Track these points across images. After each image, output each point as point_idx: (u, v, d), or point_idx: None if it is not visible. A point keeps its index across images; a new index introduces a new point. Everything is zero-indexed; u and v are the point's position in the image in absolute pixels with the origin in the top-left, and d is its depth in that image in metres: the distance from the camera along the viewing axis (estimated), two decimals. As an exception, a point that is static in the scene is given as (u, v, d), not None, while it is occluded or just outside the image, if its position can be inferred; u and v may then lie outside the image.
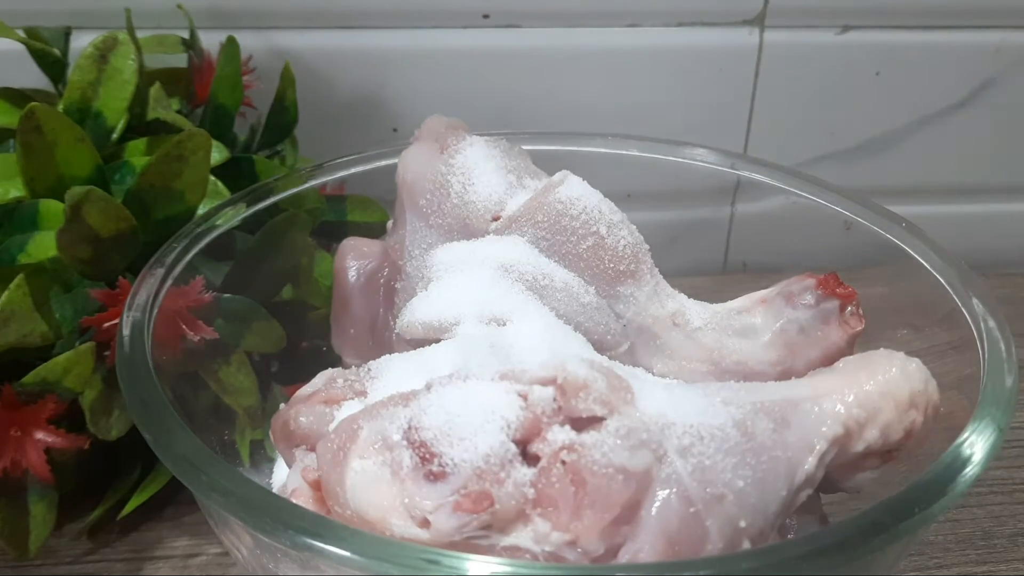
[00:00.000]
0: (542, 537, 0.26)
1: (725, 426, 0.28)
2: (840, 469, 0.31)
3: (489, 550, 0.26)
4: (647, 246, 0.37)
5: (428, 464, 0.26)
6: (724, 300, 0.39)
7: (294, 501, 0.29)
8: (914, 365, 0.31)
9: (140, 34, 0.46)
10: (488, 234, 0.37)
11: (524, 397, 0.27)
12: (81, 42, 0.45)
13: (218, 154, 0.43)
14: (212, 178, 0.41)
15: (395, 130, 0.60)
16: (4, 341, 0.36)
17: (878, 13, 0.61)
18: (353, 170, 0.45)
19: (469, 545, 0.26)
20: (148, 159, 0.39)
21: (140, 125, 0.45)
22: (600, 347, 0.36)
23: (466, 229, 0.38)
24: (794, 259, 0.43)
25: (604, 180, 0.39)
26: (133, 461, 0.42)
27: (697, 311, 0.38)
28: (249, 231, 0.41)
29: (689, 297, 0.38)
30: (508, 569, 0.23)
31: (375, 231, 0.47)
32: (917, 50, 0.62)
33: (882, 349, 0.33)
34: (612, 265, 0.36)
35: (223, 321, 0.39)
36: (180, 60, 0.51)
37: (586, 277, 0.36)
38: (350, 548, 0.23)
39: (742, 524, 0.27)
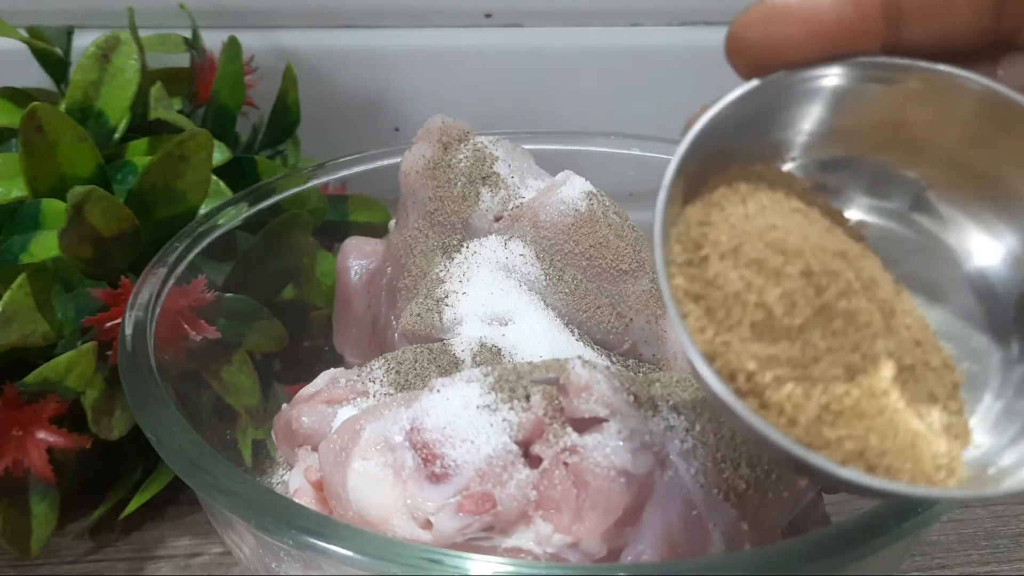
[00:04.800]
0: (544, 539, 0.25)
1: (727, 428, 0.28)
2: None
3: (491, 551, 0.26)
4: (649, 245, 0.37)
5: (430, 465, 0.26)
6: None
7: (296, 501, 0.29)
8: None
9: (142, 33, 0.46)
10: (491, 234, 0.37)
11: (526, 398, 0.27)
12: (83, 41, 0.45)
13: (220, 154, 0.43)
14: (214, 178, 0.41)
15: (397, 129, 0.60)
16: (6, 341, 0.36)
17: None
18: (355, 170, 0.45)
19: (471, 546, 0.26)
20: (150, 159, 0.39)
21: (142, 125, 0.45)
22: (603, 346, 0.36)
23: (469, 228, 0.38)
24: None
25: (606, 179, 0.39)
26: (135, 461, 0.42)
27: (699, 311, 0.38)
28: (251, 231, 0.41)
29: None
30: (510, 569, 0.23)
31: (377, 231, 0.47)
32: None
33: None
34: (614, 264, 0.36)
35: (225, 320, 0.39)
36: (182, 59, 0.51)
37: (588, 276, 0.36)
38: (353, 547, 0.23)
39: (744, 527, 0.27)
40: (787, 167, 0.25)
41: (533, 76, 0.60)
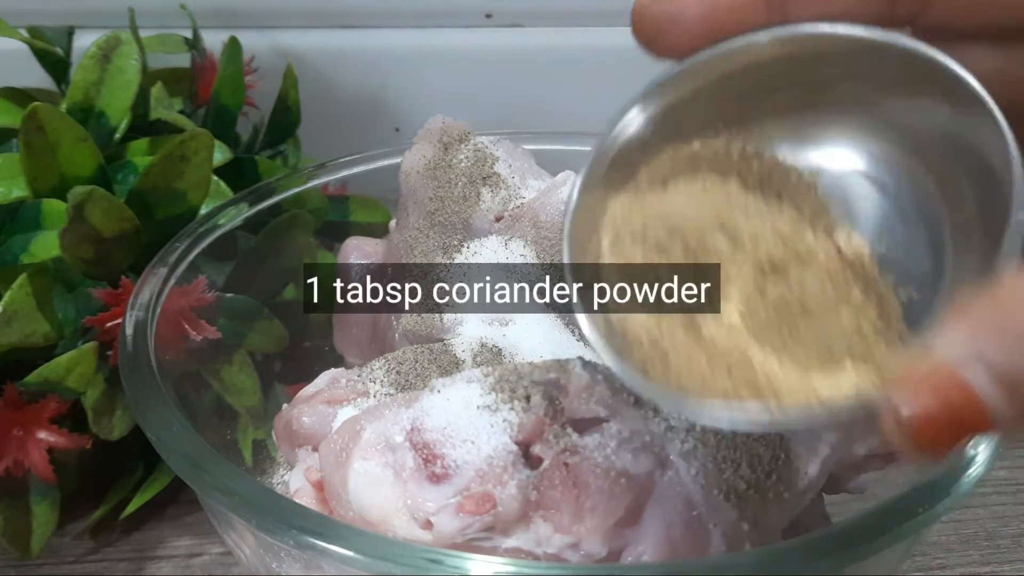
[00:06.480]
0: (544, 539, 0.25)
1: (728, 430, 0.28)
2: (843, 470, 0.31)
3: (491, 552, 0.26)
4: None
5: (431, 465, 0.26)
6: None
7: (297, 501, 0.29)
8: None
9: (143, 33, 0.46)
10: (492, 234, 0.37)
11: (527, 398, 0.27)
12: (84, 42, 0.45)
13: (220, 154, 0.43)
14: (214, 178, 0.41)
15: (397, 130, 0.60)
16: (7, 341, 0.36)
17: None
18: (356, 170, 0.45)
19: (471, 547, 0.26)
20: (150, 159, 0.39)
21: (143, 125, 0.45)
22: (603, 347, 0.36)
23: (470, 229, 0.38)
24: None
25: (607, 180, 0.39)
26: (135, 461, 0.42)
27: (700, 311, 0.38)
28: (251, 231, 0.41)
29: (692, 297, 0.38)
30: (510, 569, 0.23)
31: (378, 231, 0.47)
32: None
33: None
34: (615, 265, 0.36)
35: (225, 320, 0.39)
36: (183, 60, 0.51)
37: (589, 277, 0.36)
38: (353, 548, 0.23)
39: (745, 527, 0.27)
40: (727, 137, 0.27)
41: (533, 76, 0.60)
